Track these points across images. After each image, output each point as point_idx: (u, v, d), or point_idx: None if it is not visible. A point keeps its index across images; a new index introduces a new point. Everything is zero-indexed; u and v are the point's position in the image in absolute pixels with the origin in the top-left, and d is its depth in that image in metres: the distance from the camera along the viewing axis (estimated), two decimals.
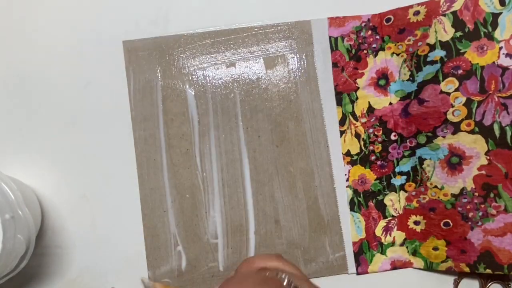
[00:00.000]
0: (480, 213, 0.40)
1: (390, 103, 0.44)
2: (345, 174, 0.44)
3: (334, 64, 0.44)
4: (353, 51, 0.44)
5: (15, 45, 0.44)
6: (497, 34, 0.40)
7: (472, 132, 0.40)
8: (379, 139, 0.44)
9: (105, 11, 0.44)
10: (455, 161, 0.41)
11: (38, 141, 0.43)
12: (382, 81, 0.44)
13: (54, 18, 0.44)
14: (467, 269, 0.40)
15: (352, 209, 0.43)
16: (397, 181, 0.44)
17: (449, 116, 0.41)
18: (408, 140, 0.43)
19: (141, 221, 0.42)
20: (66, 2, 0.44)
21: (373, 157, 0.44)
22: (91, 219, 0.43)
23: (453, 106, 0.41)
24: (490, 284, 0.42)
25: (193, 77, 0.44)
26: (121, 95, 0.43)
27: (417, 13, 0.42)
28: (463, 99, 0.40)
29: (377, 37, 0.44)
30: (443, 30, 0.41)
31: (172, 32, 0.44)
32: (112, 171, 0.43)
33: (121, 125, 0.43)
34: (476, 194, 0.40)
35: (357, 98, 0.44)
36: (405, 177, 0.43)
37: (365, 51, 0.44)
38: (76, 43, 0.44)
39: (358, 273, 0.43)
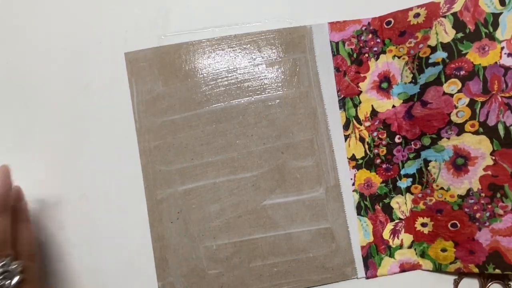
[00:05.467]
0: (487, 214, 0.40)
1: (393, 106, 0.44)
2: (351, 179, 0.44)
3: (336, 69, 0.44)
4: (355, 55, 0.44)
5: (15, 53, 0.44)
6: (498, 34, 0.40)
7: (476, 132, 0.40)
8: (384, 142, 0.44)
9: (105, 11, 0.44)
10: (460, 162, 0.41)
11: (39, 141, 0.43)
12: (385, 84, 0.44)
13: (54, 20, 0.44)
14: (476, 270, 0.41)
15: (359, 213, 0.43)
16: (403, 183, 0.44)
17: (453, 117, 0.41)
18: (412, 143, 0.43)
19: (141, 220, 0.42)
20: (65, 3, 0.44)
21: (378, 161, 0.44)
22: (91, 219, 0.42)
23: (456, 107, 0.41)
24: (490, 284, 0.42)
25: (195, 85, 0.43)
26: (124, 103, 0.43)
27: (417, 15, 0.42)
28: (467, 100, 0.40)
29: (378, 40, 0.44)
30: (444, 32, 0.41)
31: (172, 31, 0.44)
32: (113, 170, 0.43)
33: (126, 133, 0.43)
34: (483, 194, 0.40)
35: (360, 102, 0.44)
36: (410, 179, 0.43)
37: (366, 55, 0.44)
38: (76, 44, 0.44)
39: (367, 277, 0.43)
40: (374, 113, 0.44)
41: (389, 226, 0.43)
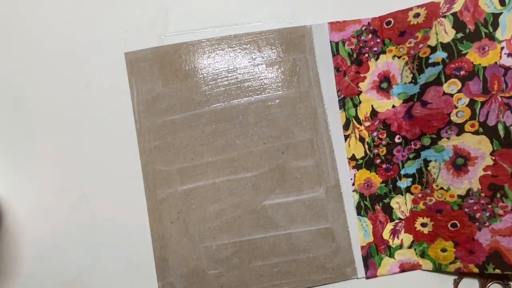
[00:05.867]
0: (487, 214, 0.40)
1: (393, 106, 0.44)
2: (351, 179, 0.44)
3: (336, 69, 0.44)
4: (355, 55, 0.44)
5: (15, 53, 0.44)
6: (498, 34, 0.40)
7: (476, 132, 0.40)
8: (384, 142, 0.44)
9: (105, 11, 0.44)
10: (460, 162, 0.41)
11: (39, 141, 0.43)
12: (385, 84, 0.44)
13: (54, 20, 0.44)
14: (476, 270, 0.41)
15: (359, 213, 0.43)
16: (403, 183, 0.44)
17: (453, 118, 0.41)
18: (412, 143, 0.43)
19: (141, 220, 0.42)
20: (65, 3, 0.44)
21: (378, 161, 0.44)
22: (91, 219, 0.42)
23: (456, 107, 0.41)
24: (490, 284, 0.42)
25: (195, 85, 0.43)
26: (124, 103, 0.43)
27: (417, 15, 0.42)
28: (466, 100, 0.40)
29: (378, 40, 0.44)
30: (444, 32, 0.41)
31: (172, 31, 0.44)
32: (113, 170, 0.43)
33: (126, 133, 0.43)
34: (483, 194, 0.40)
35: (360, 102, 0.44)
36: (410, 179, 0.43)
37: (366, 55, 0.44)
38: (76, 45, 0.44)
39: (367, 277, 0.43)
40: (374, 113, 0.44)
41: (389, 226, 0.43)
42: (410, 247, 0.43)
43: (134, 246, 0.42)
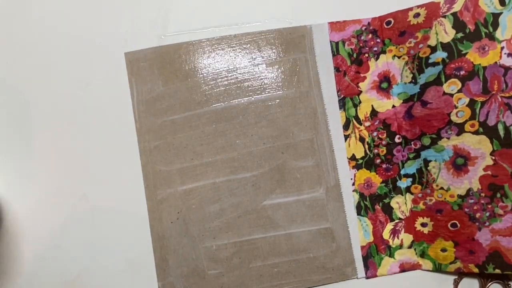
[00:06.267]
0: (487, 214, 0.40)
1: (393, 106, 0.44)
2: (351, 179, 0.44)
3: (336, 69, 0.44)
4: (355, 55, 0.44)
5: (14, 53, 0.44)
6: (498, 34, 0.40)
7: (476, 132, 0.40)
8: (384, 142, 0.44)
9: (105, 11, 0.44)
10: (460, 162, 0.41)
11: (39, 141, 0.43)
12: (385, 84, 0.44)
13: (54, 20, 0.44)
14: (476, 270, 0.41)
15: (359, 213, 0.43)
16: (403, 183, 0.44)
17: (453, 117, 0.41)
18: (412, 142, 0.43)
19: (141, 220, 0.42)
20: (65, 4, 0.44)
21: (378, 160, 0.44)
22: (91, 219, 0.42)
23: (456, 107, 0.41)
24: (490, 284, 0.42)
25: (195, 85, 0.43)
26: (124, 103, 0.43)
27: (417, 15, 0.42)
28: (466, 100, 0.40)
29: (378, 40, 0.44)
30: (444, 32, 0.41)
31: (172, 31, 0.44)
32: (113, 170, 0.43)
33: (126, 133, 0.43)
34: (483, 194, 0.40)
35: (360, 102, 0.44)
36: (410, 179, 0.43)
37: (366, 55, 0.44)
38: (76, 45, 0.44)
39: (367, 277, 0.43)
40: (374, 113, 0.44)
41: (389, 226, 0.43)
42: (410, 247, 0.43)
43: (134, 246, 0.42)
